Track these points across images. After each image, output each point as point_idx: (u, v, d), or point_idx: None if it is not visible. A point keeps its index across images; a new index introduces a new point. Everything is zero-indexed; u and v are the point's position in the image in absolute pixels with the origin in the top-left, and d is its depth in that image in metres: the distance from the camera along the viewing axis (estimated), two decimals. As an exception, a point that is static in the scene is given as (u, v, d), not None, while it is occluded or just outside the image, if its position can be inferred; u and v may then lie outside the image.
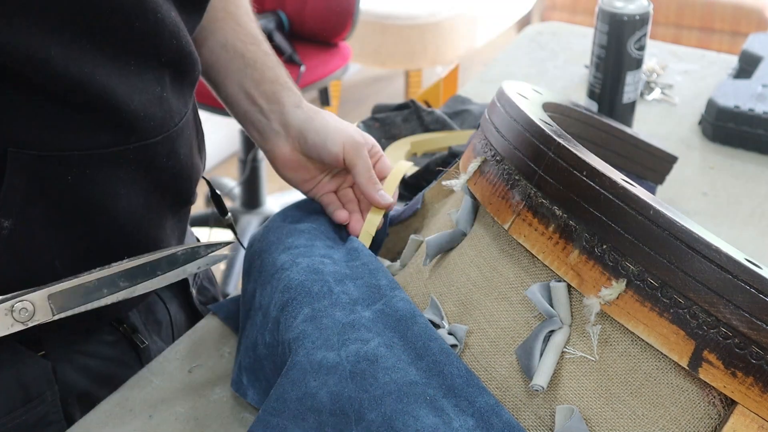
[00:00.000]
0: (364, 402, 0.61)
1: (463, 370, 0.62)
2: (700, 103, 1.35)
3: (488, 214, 0.68)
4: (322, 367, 0.63)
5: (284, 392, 0.63)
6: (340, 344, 0.64)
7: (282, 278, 0.73)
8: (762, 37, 1.44)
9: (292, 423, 0.62)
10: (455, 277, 0.69)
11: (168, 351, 0.84)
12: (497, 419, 0.60)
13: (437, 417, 0.60)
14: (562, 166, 0.60)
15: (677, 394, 0.57)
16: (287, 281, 0.72)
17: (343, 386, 0.62)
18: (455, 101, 1.31)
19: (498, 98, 0.71)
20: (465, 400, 0.61)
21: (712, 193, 1.14)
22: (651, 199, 0.56)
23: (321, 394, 0.62)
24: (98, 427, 0.75)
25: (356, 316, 0.67)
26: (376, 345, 0.64)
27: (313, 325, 0.66)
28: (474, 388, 0.61)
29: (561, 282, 0.60)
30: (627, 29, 1.11)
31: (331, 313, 0.67)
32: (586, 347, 0.59)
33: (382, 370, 0.62)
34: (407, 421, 0.59)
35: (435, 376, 0.62)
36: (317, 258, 0.74)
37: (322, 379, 0.62)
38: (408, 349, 0.64)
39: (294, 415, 0.62)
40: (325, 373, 0.63)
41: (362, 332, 0.65)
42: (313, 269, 0.72)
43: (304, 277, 0.71)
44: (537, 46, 1.60)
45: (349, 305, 0.68)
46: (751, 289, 0.52)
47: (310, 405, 0.62)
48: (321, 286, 0.70)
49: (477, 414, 0.60)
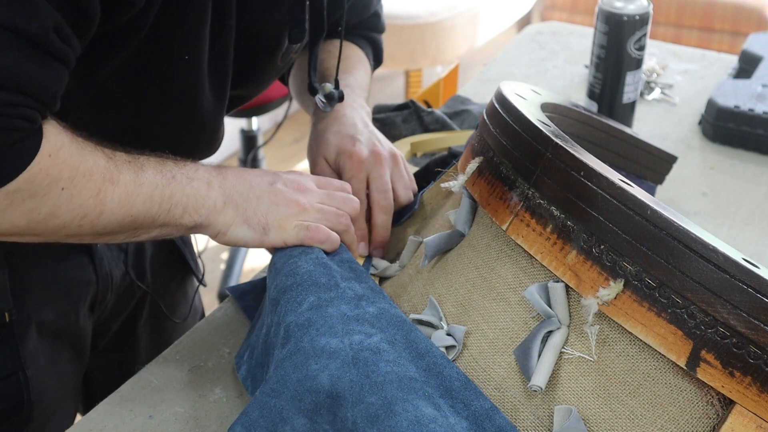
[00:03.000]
0: (365, 386, 0.61)
1: (461, 375, 0.63)
2: (700, 103, 1.35)
3: (486, 215, 0.68)
4: (325, 351, 0.64)
5: (285, 375, 0.64)
6: (344, 333, 0.65)
7: (288, 263, 0.73)
8: (762, 37, 1.43)
9: (290, 404, 0.63)
10: (454, 278, 0.69)
11: (168, 351, 0.84)
12: (490, 424, 0.60)
13: (435, 410, 0.60)
14: (559, 166, 0.60)
15: (675, 394, 0.57)
16: (293, 267, 0.72)
17: (344, 371, 0.62)
18: (455, 101, 1.31)
19: (496, 99, 0.72)
20: (461, 403, 0.61)
21: (712, 193, 1.14)
22: (648, 200, 0.56)
23: (321, 376, 0.62)
24: (98, 427, 0.75)
25: (361, 311, 0.68)
26: (378, 340, 0.65)
27: (319, 313, 0.67)
28: (470, 392, 0.62)
29: (559, 282, 0.60)
30: (627, 29, 1.11)
31: (337, 304, 0.68)
32: (584, 347, 0.59)
33: (384, 362, 0.63)
34: (407, 407, 0.59)
35: (434, 376, 0.63)
36: (325, 254, 0.75)
37: (323, 363, 0.63)
38: (409, 348, 0.65)
39: (292, 397, 0.63)
40: (327, 357, 0.63)
41: (366, 326, 0.66)
42: (321, 263, 0.73)
43: (312, 267, 0.72)
44: (537, 45, 1.60)
45: (354, 300, 0.69)
46: (748, 288, 0.52)
47: (309, 386, 0.62)
48: (328, 279, 0.70)
49: (471, 417, 0.61)
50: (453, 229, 0.72)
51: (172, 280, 1.08)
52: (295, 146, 3.11)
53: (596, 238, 0.57)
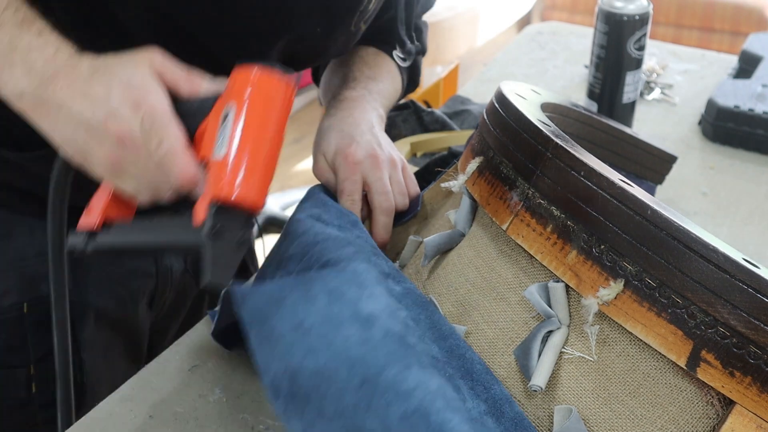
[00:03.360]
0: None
1: (482, 361, 0.62)
2: (700, 103, 1.35)
3: (487, 215, 0.68)
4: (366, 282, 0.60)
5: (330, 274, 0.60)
6: (380, 292, 0.61)
7: (313, 229, 0.71)
8: (762, 37, 1.44)
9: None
10: (453, 278, 0.69)
11: (168, 351, 0.84)
12: (509, 409, 0.60)
13: (454, 392, 0.59)
14: (559, 166, 0.60)
15: (675, 394, 0.57)
16: (324, 235, 0.69)
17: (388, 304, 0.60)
18: (455, 101, 1.31)
19: (496, 99, 0.72)
20: (481, 386, 0.61)
21: (712, 193, 1.14)
22: (649, 199, 0.56)
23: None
24: (98, 427, 0.75)
25: (388, 285, 0.65)
26: (405, 316, 0.62)
27: (357, 258, 0.65)
28: (491, 377, 0.61)
29: (559, 282, 0.60)
30: (627, 29, 1.11)
31: (368, 268, 0.64)
32: (585, 347, 0.59)
33: (410, 335, 0.60)
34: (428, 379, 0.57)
35: (456, 357, 0.62)
36: (349, 233, 0.74)
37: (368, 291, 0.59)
38: (433, 328, 0.64)
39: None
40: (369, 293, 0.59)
41: (393, 300, 0.63)
42: (348, 241, 0.70)
43: (342, 238, 0.69)
44: (537, 45, 1.60)
45: (383, 276, 0.67)
46: (749, 288, 0.52)
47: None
48: (356, 249, 0.68)
49: (491, 400, 0.60)
50: (453, 228, 0.72)
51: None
52: (295, 146, 3.11)
53: (596, 238, 0.57)
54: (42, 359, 0.86)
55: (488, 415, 0.59)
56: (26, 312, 0.86)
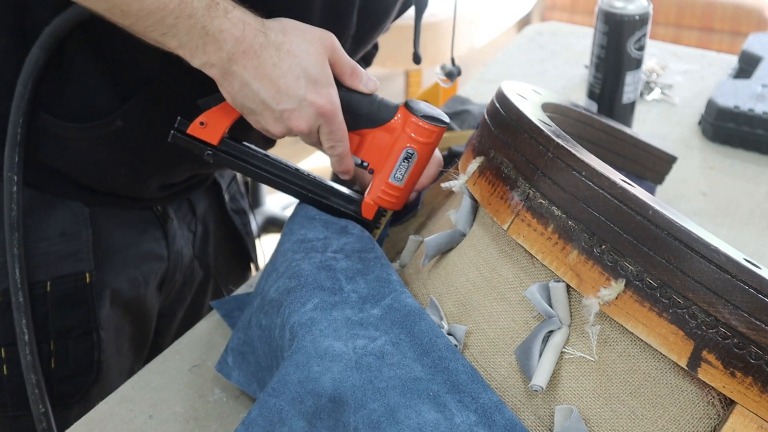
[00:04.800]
0: (368, 392, 0.61)
1: (468, 367, 0.62)
2: (700, 103, 1.35)
3: (487, 215, 0.68)
4: (328, 354, 0.63)
5: (286, 374, 0.63)
6: (347, 337, 0.65)
7: (291, 266, 0.73)
8: (762, 37, 1.44)
9: (290, 405, 0.63)
10: (454, 278, 0.69)
11: (168, 351, 0.84)
12: (500, 416, 0.60)
13: (439, 413, 0.60)
14: (561, 166, 0.60)
15: (676, 394, 0.57)
16: (297, 269, 0.72)
17: (347, 375, 0.62)
18: (455, 101, 1.31)
19: (497, 99, 0.72)
20: (469, 396, 0.61)
21: (712, 193, 1.14)
22: (650, 199, 0.56)
23: (323, 379, 0.62)
24: (98, 427, 0.75)
25: (365, 314, 0.67)
26: (383, 343, 0.64)
27: (323, 314, 0.66)
28: (478, 385, 0.61)
29: (560, 282, 0.60)
30: (627, 29, 1.11)
31: (341, 308, 0.67)
32: (585, 347, 0.59)
33: (388, 366, 0.62)
34: (409, 414, 0.59)
35: (440, 372, 0.62)
36: (330, 254, 0.74)
37: (326, 365, 0.63)
38: (414, 345, 0.64)
39: (293, 398, 0.63)
40: (330, 359, 0.63)
41: (370, 330, 0.65)
42: (325, 266, 0.72)
43: (316, 271, 0.71)
44: (537, 46, 1.60)
45: (359, 304, 0.68)
46: (750, 289, 0.52)
47: (311, 389, 0.62)
48: (332, 283, 0.70)
49: (480, 410, 0.60)
50: (454, 228, 0.72)
51: (232, 271, 1.11)
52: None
53: (597, 238, 0.57)
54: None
55: (479, 425, 0.59)
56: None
